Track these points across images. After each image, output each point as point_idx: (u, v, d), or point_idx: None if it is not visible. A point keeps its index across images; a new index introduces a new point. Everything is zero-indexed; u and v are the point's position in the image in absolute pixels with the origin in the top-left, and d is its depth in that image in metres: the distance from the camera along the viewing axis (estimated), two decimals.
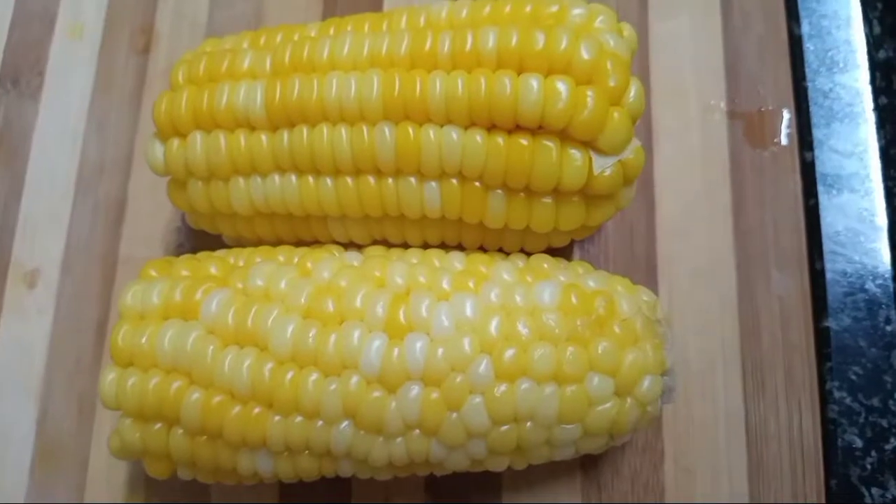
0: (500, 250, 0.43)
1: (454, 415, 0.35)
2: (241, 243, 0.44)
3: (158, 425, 0.36)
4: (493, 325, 0.35)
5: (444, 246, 0.43)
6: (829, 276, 0.44)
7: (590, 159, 0.37)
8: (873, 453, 0.42)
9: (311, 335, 0.35)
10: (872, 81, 0.46)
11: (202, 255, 0.41)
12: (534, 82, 0.36)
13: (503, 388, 0.35)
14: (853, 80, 0.47)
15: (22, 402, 0.49)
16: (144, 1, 0.56)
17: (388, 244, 0.43)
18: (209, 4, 0.55)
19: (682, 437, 0.43)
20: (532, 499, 0.43)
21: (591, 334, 0.35)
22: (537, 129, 0.37)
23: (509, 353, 0.35)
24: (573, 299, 0.36)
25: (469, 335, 0.35)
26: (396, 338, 0.35)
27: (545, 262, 0.39)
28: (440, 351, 0.35)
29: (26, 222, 0.52)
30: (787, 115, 0.47)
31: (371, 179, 0.39)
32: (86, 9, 0.56)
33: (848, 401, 0.42)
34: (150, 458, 0.37)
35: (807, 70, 0.47)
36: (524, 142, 0.37)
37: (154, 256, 0.48)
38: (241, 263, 0.39)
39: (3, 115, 0.55)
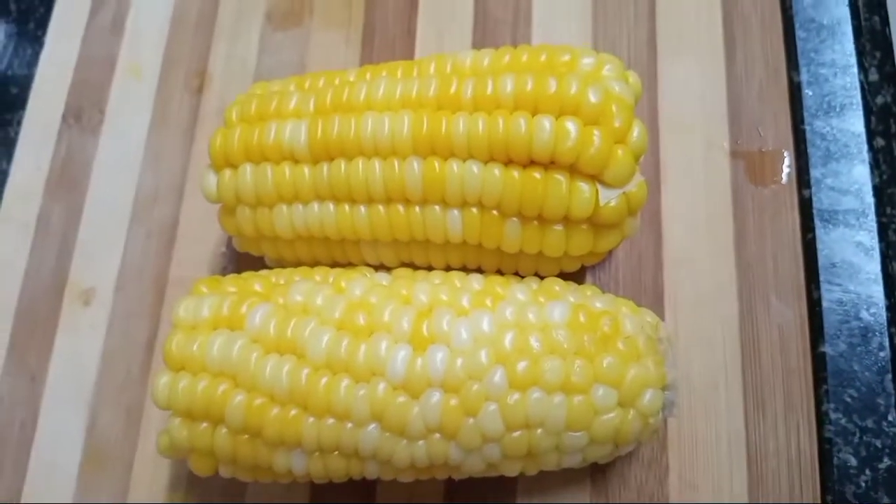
0: (516, 274, 0.46)
1: (471, 420, 0.37)
2: (281, 265, 0.48)
3: (205, 425, 0.39)
4: (508, 340, 0.38)
5: (464, 269, 0.46)
6: (825, 304, 0.46)
7: (596, 191, 0.40)
8: (867, 472, 0.43)
9: (343, 345, 0.38)
10: (867, 125, 0.49)
11: (247, 274, 0.44)
12: (546, 123, 0.39)
13: (516, 396, 0.37)
14: (849, 123, 0.49)
15: (73, 410, 0.52)
16: (199, 46, 0.60)
17: (415, 266, 0.46)
18: (258, 50, 0.59)
19: (686, 452, 0.45)
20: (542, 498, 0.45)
21: (596, 350, 0.38)
22: (549, 164, 0.40)
23: (522, 364, 0.37)
24: (581, 318, 0.39)
25: (486, 348, 0.38)
26: (420, 349, 0.38)
27: (557, 285, 0.42)
28: (459, 361, 0.37)
29: (84, 245, 0.56)
30: (786, 155, 0.49)
31: (400, 208, 0.43)
32: (144, 51, 0.60)
33: (843, 422, 0.44)
34: (195, 455, 0.41)
35: (805, 114, 0.49)
36: (537, 175, 0.40)
37: (201, 277, 0.51)
38: (281, 282, 0.42)
39: (66, 148, 0.59)
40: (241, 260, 0.52)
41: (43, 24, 0.62)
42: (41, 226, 0.57)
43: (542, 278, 0.44)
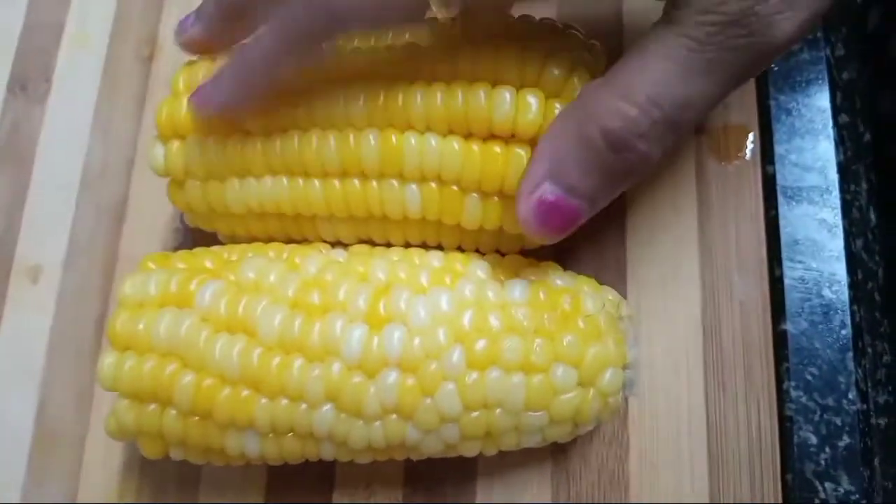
0: (477, 251, 0.45)
1: (428, 400, 0.37)
2: (235, 241, 0.46)
3: (153, 406, 0.38)
4: (467, 318, 0.37)
5: (424, 246, 0.45)
6: (787, 282, 0.46)
7: None
8: (827, 450, 0.43)
9: (296, 324, 0.37)
10: (833, 100, 0.48)
11: (198, 250, 0.43)
12: (507, 94, 0.38)
13: (474, 376, 0.37)
14: (815, 98, 0.48)
15: (22, 392, 0.51)
16: (149, 12, 0.58)
17: (373, 243, 0.45)
18: None
19: (646, 431, 0.45)
20: (504, 486, 0.45)
21: (557, 328, 0.37)
22: (510, 138, 0.39)
23: (481, 343, 0.37)
24: (541, 296, 0.38)
25: (444, 326, 0.37)
26: (376, 328, 0.37)
27: (517, 263, 0.42)
28: (416, 340, 0.37)
29: (31, 221, 0.54)
30: (750, 131, 0.49)
31: (356, 182, 0.42)
32: (92, 19, 0.58)
33: (804, 400, 0.44)
34: (144, 438, 0.40)
35: (771, 88, 0.49)
36: (498, 149, 0.39)
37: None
38: (234, 258, 0.41)
39: (11, 119, 0.57)
40: (194, 236, 0.50)
41: None
42: None
43: (503, 255, 0.43)
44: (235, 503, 0.47)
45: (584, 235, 0.47)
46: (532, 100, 0.38)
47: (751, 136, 0.49)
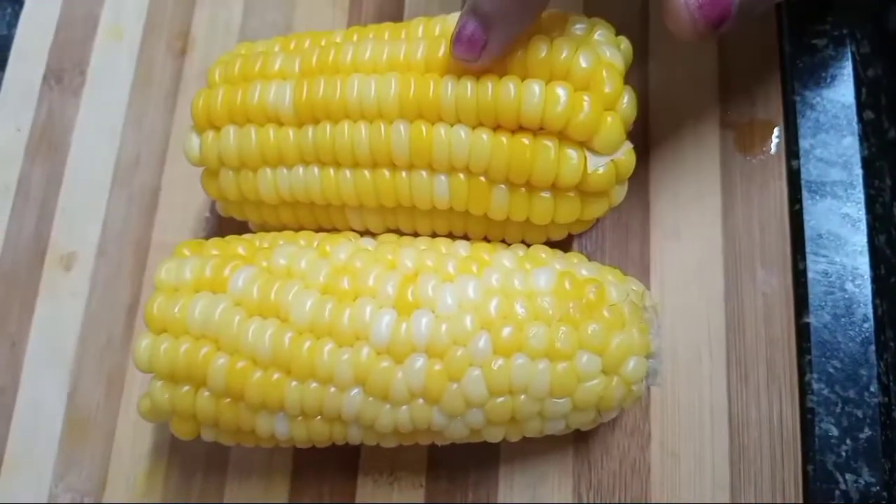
0: (503, 241, 0.45)
1: (455, 385, 0.38)
2: (265, 230, 0.47)
3: (186, 388, 0.39)
4: (493, 306, 0.38)
5: (451, 236, 0.45)
6: (810, 275, 0.46)
7: (585, 158, 0.40)
8: (848, 442, 0.44)
9: (327, 309, 0.38)
10: (857, 96, 0.48)
11: (230, 238, 0.44)
12: (536, 87, 0.39)
13: (500, 362, 0.37)
14: (840, 94, 0.49)
15: (54, 376, 0.52)
16: (182, 7, 0.59)
17: (401, 233, 0.46)
18: (243, 12, 0.58)
19: (668, 421, 0.45)
20: (526, 473, 0.46)
21: (581, 317, 0.38)
22: (538, 130, 0.40)
23: (506, 330, 0.37)
24: (567, 285, 0.39)
25: (470, 313, 0.38)
26: (404, 314, 0.38)
27: (543, 252, 0.42)
28: (444, 327, 0.37)
29: (65, 209, 0.56)
30: (776, 126, 0.49)
31: (386, 172, 0.42)
32: (127, 13, 0.60)
33: (826, 392, 0.44)
34: (177, 418, 0.41)
35: (796, 84, 0.49)
36: (526, 141, 0.40)
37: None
38: (265, 245, 0.42)
39: (46, 110, 0.58)
40: (224, 225, 0.52)
41: None
42: (21, 189, 0.56)
43: (528, 246, 0.44)
44: (260, 495, 0.48)
45: (608, 227, 0.49)
46: (561, 92, 0.39)
47: (776, 131, 0.49)
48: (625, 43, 0.42)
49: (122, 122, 0.57)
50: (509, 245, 0.44)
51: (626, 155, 0.41)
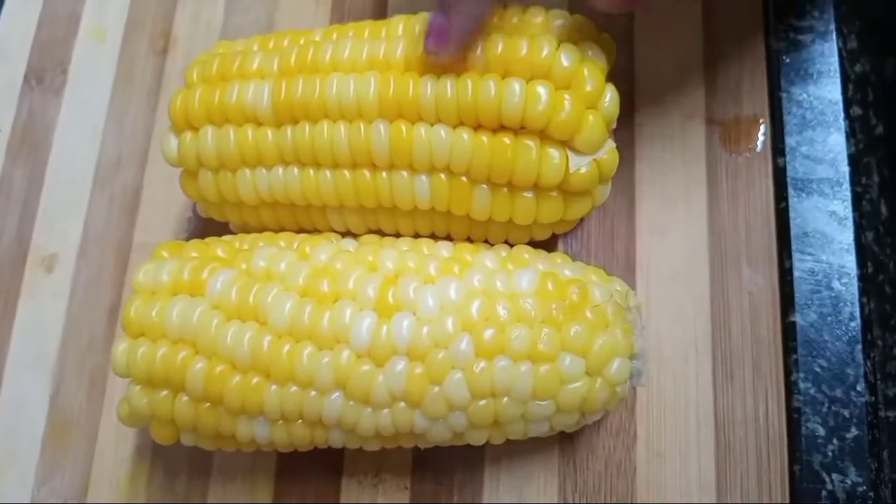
0: (486, 241, 0.45)
1: (436, 388, 0.37)
2: (246, 231, 0.47)
3: (165, 392, 0.39)
4: (475, 307, 0.37)
5: (433, 236, 0.45)
6: (797, 273, 0.45)
7: (567, 158, 0.40)
8: (835, 441, 0.43)
9: (307, 312, 0.37)
10: (844, 93, 0.48)
11: (210, 239, 0.43)
12: (516, 86, 0.38)
13: (482, 364, 0.37)
14: (826, 91, 0.48)
15: (36, 378, 0.51)
16: (164, 6, 0.59)
17: (382, 234, 0.45)
18: (224, 11, 0.58)
19: (654, 421, 0.45)
20: (511, 474, 0.45)
21: (564, 318, 0.37)
22: (519, 129, 0.40)
23: (488, 332, 0.37)
24: (549, 286, 0.38)
25: (452, 315, 0.37)
26: (385, 316, 0.37)
27: (526, 253, 0.42)
28: (425, 329, 0.37)
29: (46, 210, 0.55)
30: (762, 123, 0.49)
31: (366, 173, 0.42)
32: (109, 12, 0.59)
33: (812, 391, 0.44)
34: (156, 423, 0.40)
35: (782, 81, 0.48)
36: (507, 140, 0.39)
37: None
38: (245, 247, 0.42)
39: (27, 110, 0.58)
40: (206, 225, 0.51)
41: None
42: (3, 190, 0.56)
43: (511, 246, 0.43)
44: (243, 497, 0.47)
45: (593, 226, 0.48)
46: (542, 91, 0.38)
47: (762, 128, 0.48)
48: (607, 40, 0.41)
49: (104, 122, 0.57)
50: (492, 245, 0.44)
51: (608, 154, 0.40)
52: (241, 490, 0.47)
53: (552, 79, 0.39)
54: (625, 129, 0.49)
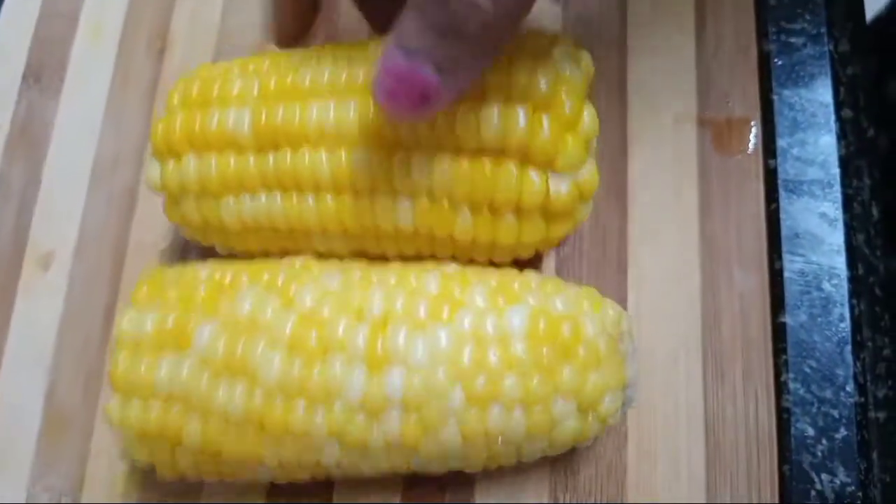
0: (472, 261, 0.40)
1: (431, 436, 0.33)
2: (231, 252, 0.42)
3: (163, 445, 0.35)
4: (466, 355, 0.33)
5: (419, 257, 0.40)
6: (787, 275, 0.42)
7: (547, 180, 0.35)
8: (824, 441, 0.40)
9: (296, 367, 0.33)
10: (836, 95, 0.43)
11: (190, 267, 0.39)
12: (495, 110, 0.34)
13: (475, 412, 0.33)
14: (818, 93, 0.44)
15: (32, 376, 0.47)
16: (162, 6, 0.53)
17: (367, 255, 0.41)
18: (222, 11, 0.52)
19: (644, 422, 0.41)
20: (502, 477, 0.42)
21: (556, 361, 0.33)
22: (499, 153, 0.35)
23: (480, 381, 0.33)
24: (541, 325, 0.34)
25: (443, 365, 0.33)
26: (375, 369, 0.33)
27: (516, 282, 0.37)
28: (416, 380, 0.33)
29: (44, 208, 0.50)
30: (753, 125, 0.44)
31: (349, 198, 0.37)
32: (107, 12, 0.54)
33: (802, 392, 0.40)
34: (159, 467, 0.37)
35: (774, 83, 0.44)
36: (487, 164, 0.35)
37: (162, 243, 0.48)
38: (227, 280, 0.37)
39: (25, 109, 0.53)
40: None
41: None
42: (0, 188, 0.51)
43: (499, 265, 0.39)
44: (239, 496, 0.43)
45: (586, 230, 0.44)
46: (520, 113, 0.34)
47: (753, 130, 0.44)
48: (586, 58, 0.36)
49: (101, 122, 0.51)
50: (481, 270, 0.39)
51: (588, 174, 0.36)
52: (236, 487, 0.43)
53: (530, 100, 0.34)
54: (616, 131, 0.45)
